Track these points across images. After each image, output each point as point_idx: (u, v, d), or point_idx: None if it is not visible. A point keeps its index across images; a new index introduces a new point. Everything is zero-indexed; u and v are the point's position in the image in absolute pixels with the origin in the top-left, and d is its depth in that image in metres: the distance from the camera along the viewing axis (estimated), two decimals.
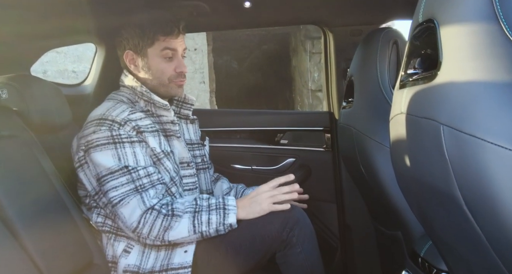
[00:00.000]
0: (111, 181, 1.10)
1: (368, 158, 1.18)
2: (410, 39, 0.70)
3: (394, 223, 1.21)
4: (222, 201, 1.14)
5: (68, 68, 3.21)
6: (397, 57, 1.28)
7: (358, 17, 1.55)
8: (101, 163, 1.11)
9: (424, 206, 0.68)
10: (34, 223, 0.93)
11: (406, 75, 0.71)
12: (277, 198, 1.15)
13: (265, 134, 1.81)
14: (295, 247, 1.15)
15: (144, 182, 1.10)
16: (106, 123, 1.13)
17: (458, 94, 0.51)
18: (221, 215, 1.11)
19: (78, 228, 1.08)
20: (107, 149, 1.11)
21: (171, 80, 1.24)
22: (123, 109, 1.16)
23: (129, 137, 1.13)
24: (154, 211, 1.08)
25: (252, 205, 1.14)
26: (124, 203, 1.09)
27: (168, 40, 1.21)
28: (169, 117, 1.24)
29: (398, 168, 0.76)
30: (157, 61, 1.22)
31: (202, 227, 1.10)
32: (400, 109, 0.68)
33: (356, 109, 1.30)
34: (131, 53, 1.23)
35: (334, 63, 1.65)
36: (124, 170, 1.10)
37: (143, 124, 1.17)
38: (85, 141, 1.14)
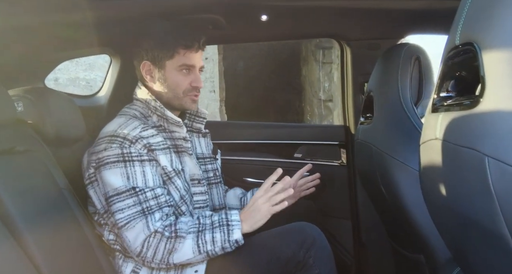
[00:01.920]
0: (117, 203, 1.08)
1: (389, 178, 1.14)
2: (444, 61, 0.66)
3: (416, 246, 1.17)
4: (225, 216, 1.10)
5: (80, 76, 3.22)
6: (419, 73, 1.25)
7: (376, 31, 1.52)
8: (109, 182, 1.09)
9: (460, 239, 0.64)
10: (49, 240, 0.91)
11: (439, 99, 0.68)
12: (273, 200, 1.11)
13: (279, 147, 1.78)
14: (312, 269, 1.11)
15: (151, 204, 1.08)
16: (118, 141, 1.10)
17: (504, 124, 0.48)
18: (225, 232, 1.07)
19: (91, 245, 1.06)
20: (116, 167, 1.09)
21: (186, 94, 1.22)
22: (135, 126, 1.14)
23: (140, 155, 1.10)
24: (157, 234, 1.06)
25: (252, 214, 1.11)
26: (130, 227, 1.06)
27: (187, 55, 1.20)
28: (181, 133, 1.22)
29: (430, 196, 0.73)
30: (174, 74, 1.21)
31: (207, 247, 1.06)
32: (434, 134, 0.65)
33: (375, 126, 1.26)
34: (149, 64, 1.22)
35: (351, 77, 1.62)
36: (131, 191, 1.07)
37: (155, 141, 1.14)
38: (96, 157, 1.12)
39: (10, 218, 0.85)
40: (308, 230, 1.15)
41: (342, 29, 1.55)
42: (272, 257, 1.10)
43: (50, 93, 1.22)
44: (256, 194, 1.14)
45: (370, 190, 1.44)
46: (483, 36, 0.54)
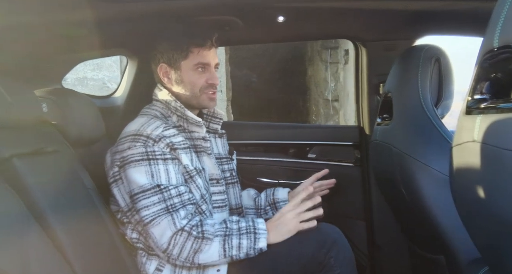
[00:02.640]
0: (143, 200, 1.09)
1: (410, 179, 1.14)
2: (480, 63, 0.66)
3: (436, 247, 1.17)
4: (252, 224, 1.11)
5: (87, 76, 3.22)
6: (439, 74, 1.25)
7: (392, 32, 1.53)
8: (134, 180, 1.10)
9: (497, 242, 0.64)
10: (78, 237, 0.93)
11: (474, 101, 0.68)
12: (302, 217, 1.12)
13: (293, 148, 1.78)
14: (332, 270, 1.11)
15: (175, 201, 1.09)
16: (141, 140, 1.11)
17: None
18: (252, 239, 1.09)
19: (116, 243, 1.08)
20: (141, 165, 1.10)
21: (203, 91, 1.23)
22: (157, 125, 1.15)
23: (163, 153, 1.11)
24: (184, 232, 1.07)
25: (279, 227, 1.12)
26: (155, 223, 1.07)
27: (201, 53, 1.20)
28: (200, 133, 1.23)
29: (463, 199, 0.73)
30: (190, 74, 1.21)
31: (232, 251, 1.08)
32: (471, 137, 0.65)
33: (395, 127, 1.26)
34: (165, 66, 1.23)
35: (366, 78, 1.62)
36: (156, 189, 1.08)
37: (176, 141, 1.15)
38: (120, 156, 1.13)
39: (43, 216, 0.86)
40: (329, 230, 1.15)
41: (358, 31, 1.55)
42: (293, 257, 1.10)
43: (72, 94, 1.23)
44: (285, 207, 1.16)
45: (387, 191, 1.44)
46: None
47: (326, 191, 1.50)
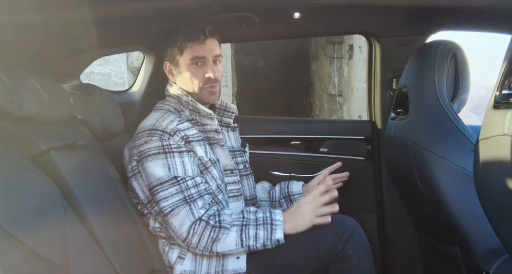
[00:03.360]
0: (161, 192, 1.12)
1: (427, 172, 1.17)
2: (509, 60, 0.69)
3: (451, 238, 1.20)
4: (269, 215, 1.14)
5: (94, 71, 3.23)
6: (456, 70, 1.27)
7: (407, 28, 1.54)
8: (152, 173, 1.13)
9: None
10: (109, 228, 0.96)
11: (502, 96, 0.70)
12: (319, 211, 1.15)
13: (305, 142, 1.80)
14: (350, 260, 1.14)
15: (192, 192, 1.12)
16: (157, 134, 1.14)
17: None
18: (269, 230, 1.11)
19: (141, 233, 1.10)
20: (158, 158, 1.13)
21: (202, 87, 1.24)
22: (171, 119, 1.18)
23: (178, 146, 1.14)
24: (202, 222, 1.10)
25: (295, 218, 1.15)
26: (174, 214, 1.11)
27: (195, 47, 1.21)
28: (213, 126, 1.25)
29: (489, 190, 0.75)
30: (188, 69, 1.24)
31: (249, 241, 1.11)
32: (502, 131, 0.67)
33: (412, 122, 1.29)
34: (168, 64, 1.27)
35: (379, 73, 1.64)
36: (174, 180, 1.12)
37: (191, 134, 1.18)
38: (138, 151, 1.16)
39: (78, 205, 0.90)
40: (347, 222, 1.18)
41: (372, 26, 1.57)
42: (311, 248, 1.13)
43: (95, 90, 1.25)
44: (303, 198, 1.18)
45: (401, 184, 1.47)
46: None
47: (340, 184, 1.53)
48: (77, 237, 0.84)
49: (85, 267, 0.82)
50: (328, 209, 1.15)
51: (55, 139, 0.96)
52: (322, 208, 1.15)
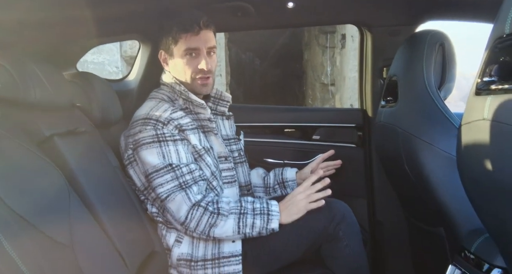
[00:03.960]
0: (157, 178, 1.16)
1: (415, 158, 1.22)
2: (491, 48, 0.73)
3: (436, 220, 1.26)
4: (266, 206, 1.19)
5: (88, 60, 3.23)
6: (443, 59, 1.32)
7: (397, 18, 1.58)
8: (147, 161, 1.16)
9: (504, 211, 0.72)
10: (112, 212, 1.00)
11: (484, 83, 0.74)
12: (312, 198, 1.20)
13: (298, 130, 1.85)
14: (341, 241, 1.20)
15: (187, 178, 1.16)
16: (151, 123, 1.18)
17: None
18: (265, 220, 1.16)
19: (141, 217, 1.14)
20: (152, 147, 1.16)
21: (195, 78, 1.26)
22: (165, 108, 1.21)
23: (172, 135, 1.18)
24: (200, 207, 1.14)
25: (289, 207, 1.19)
26: (171, 199, 1.14)
27: (189, 38, 1.22)
28: (206, 115, 1.28)
29: (470, 172, 0.80)
30: (182, 60, 1.25)
31: (246, 229, 1.15)
32: (482, 115, 0.72)
33: (401, 109, 1.33)
34: (163, 53, 1.28)
35: (370, 62, 1.68)
36: (168, 168, 1.15)
37: (184, 122, 1.21)
38: (133, 139, 1.19)
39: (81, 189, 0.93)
40: (338, 206, 1.23)
41: (364, 16, 1.60)
42: (304, 230, 1.19)
43: (94, 78, 1.27)
44: (296, 189, 1.23)
45: (391, 169, 1.52)
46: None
47: (332, 171, 1.58)
48: (81, 219, 0.88)
49: (89, 248, 0.86)
50: (321, 194, 1.20)
51: (58, 125, 0.99)
52: (315, 194, 1.20)
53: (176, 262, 1.19)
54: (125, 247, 0.97)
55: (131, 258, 0.98)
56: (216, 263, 1.17)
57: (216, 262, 1.17)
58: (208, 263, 1.17)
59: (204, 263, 1.17)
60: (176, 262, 1.18)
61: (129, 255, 0.97)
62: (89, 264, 0.82)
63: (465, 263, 1.06)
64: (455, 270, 1.09)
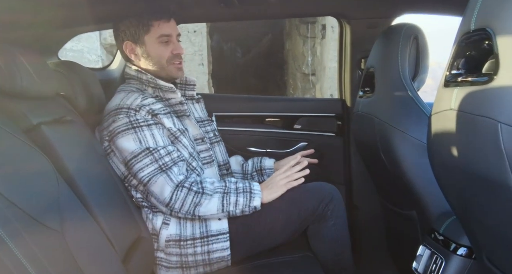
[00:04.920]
0: (136, 164, 1.18)
1: (390, 145, 1.28)
2: (458, 43, 0.78)
3: (409, 203, 1.34)
4: (248, 185, 1.23)
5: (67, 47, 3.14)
6: (417, 51, 1.38)
7: (375, 11, 1.63)
8: (125, 148, 1.19)
9: (467, 192, 0.79)
10: (100, 199, 1.03)
11: (452, 75, 0.80)
12: (291, 177, 1.25)
13: (280, 119, 1.90)
14: (328, 221, 1.26)
15: (166, 160, 1.19)
16: (123, 111, 1.20)
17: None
18: (248, 198, 1.21)
19: (127, 203, 1.17)
20: (127, 134, 1.19)
21: (170, 62, 1.31)
22: (135, 97, 1.24)
23: (146, 120, 1.21)
24: (184, 188, 1.17)
25: (270, 186, 1.25)
26: (153, 182, 1.18)
27: (161, 25, 1.27)
28: (177, 98, 1.32)
29: (439, 159, 0.86)
30: (155, 47, 1.29)
31: (229, 207, 1.20)
32: (449, 106, 0.78)
33: (377, 99, 1.39)
34: (130, 43, 1.30)
35: (349, 54, 1.73)
36: (146, 152, 1.18)
37: (156, 108, 1.24)
38: (107, 131, 1.22)
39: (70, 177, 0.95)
40: (327, 187, 1.29)
41: (343, 8, 1.65)
42: (294, 209, 1.24)
43: (77, 67, 1.28)
44: (276, 172, 1.29)
45: (367, 157, 1.59)
46: (498, 23, 0.64)
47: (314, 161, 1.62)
48: (71, 206, 0.90)
49: (79, 234, 0.89)
50: (301, 173, 1.26)
51: (44, 114, 1.00)
52: (295, 174, 1.26)
53: (164, 244, 1.21)
54: (113, 232, 1.00)
55: (120, 243, 1.01)
56: (205, 241, 1.21)
57: (205, 240, 1.21)
58: (197, 242, 1.21)
59: (193, 241, 1.21)
60: (165, 244, 1.21)
61: (118, 240, 1.00)
62: (80, 249, 0.85)
63: (435, 243, 1.14)
64: (426, 250, 1.17)
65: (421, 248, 1.20)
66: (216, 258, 1.22)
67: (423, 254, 1.16)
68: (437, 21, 1.64)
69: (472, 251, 1.00)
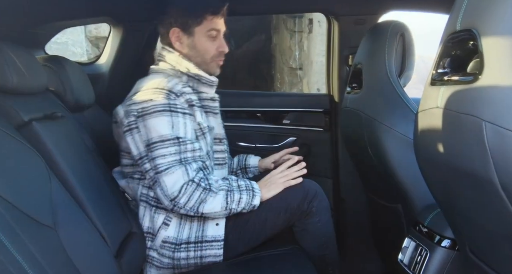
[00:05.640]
0: (161, 149, 1.14)
1: (377, 140, 1.31)
2: (444, 42, 0.81)
3: (395, 197, 1.38)
4: (249, 183, 1.24)
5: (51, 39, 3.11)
6: (403, 48, 1.41)
7: (362, 7, 1.66)
8: (155, 129, 1.14)
9: (451, 187, 0.82)
10: (91, 194, 1.03)
11: (438, 74, 0.83)
12: (289, 176, 1.27)
13: (269, 114, 1.91)
14: (314, 217, 1.29)
15: (188, 155, 1.16)
16: (164, 92, 1.17)
17: (500, 97, 0.62)
18: (250, 195, 1.21)
19: (119, 199, 1.17)
20: (163, 115, 1.15)
21: (213, 59, 1.30)
22: (176, 82, 1.22)
23: (183, 108, 1.19)
24: (193, 183, 1.15)
25: (268, 184, 1.26)
26: (169, 172, 1.13)
27: (214, 20, 1.27)
28: (209, 94, 1.31)
29: (425, 154, 0.89)
30: (203, 40, 1.28)
31: (232, 205, 1.19)
32: (435, 104, 0.80)
33: (364, 96, 1.42)
34: (178, 30, 1.27)
35: (337, 50, 1.76)
36: (175, 140, 1.15)
37: (193, 98, 1.23)
38: (140, 107, 1.16)
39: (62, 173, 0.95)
40: (311, 185, 1.31)
41: (331, 5, 1.67)
42: (281, 208, 1.26)
43: (66, 62, 1.27)
44: (273, 171, 1.29)
45: (355, 152, 1.63)
46: (482, 24, 0.66)
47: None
48: (63, 201, 0.90)
49: (72, 229, 0.89)
50: (299, 172, 1.27)
51: (35, 110, 0.99)
52: (293, 173, 1.27)
53: (160, 244, 1.20)
54: (105, 228, 1.00)
55: (112, 238, 1.02)
56: (199, 247, 1.21)
57: (199, 245, 1.21)
58: (191, 246, 1.21)
59: (187, 245, 1.21)
60: (161, 244, 1.21)
61: (110, 234, 1.01)
62: (73, 244, 0.86)
63: (419, 235, 1.18)
64: (411, 242, 1.21)
65: (406, 240, 1.24)
66: (208, 262, 1.22)
67: (409, 246, 1.20)
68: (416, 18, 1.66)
69: (456, 243, 1.04)
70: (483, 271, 0.81)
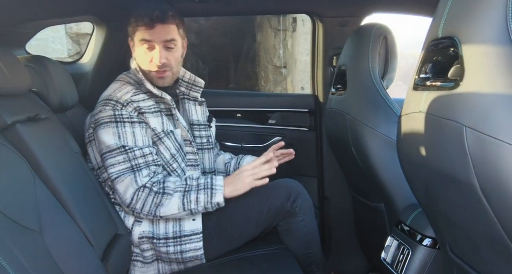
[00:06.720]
0: (109, 159, 1.18)
1: (360, 141, 1.34)
2: (426, 49, 0.83)
3: (378, 196, 1.41)
4: (210, 181, 1.22)
5: None
6: (386, 51, 1.44)
7: (346, 9, 1.68)
8: (103, 140, 1.19)
9: (433, 188, 0.84)
10: (76, 197, 1.02)
11: (420, 79, 0.85)
12: (258, 175, 1.22)
13: (255, 114, 1.92)
14: (297, 216, 1.30)
15: (139, 161, 1.18)
16: (111, 104, 1.20)
17: (480, 103, 0.64)
18: (209, 194, 1.20)
19: (104, 201, 1.16)
20: (109, 127, 1.18)
21: (150, 70, 1.26)
22: (127, 90, 1.23)
23: (130, 117, 1.20)
24: (146, 188, 1.17)
25: (235, 182, 1.22)
26: (119, 180, 1.17)
27: (144, 31, 1.21)
28: (168, 99, 1.29)
29: (408, 156, 0.92)
30: (139, 51, 1.25)
31: (191, 205, 1.19)
32: (418, 108, 0.83)
33: (349, 97, 1.45)
34: (130, 39, 1.28)
35: (322, 51, 1.77)
36: (121, 149, 1.18)
37: (146, 105, 1.23)
38: (94, 119, 1.22)
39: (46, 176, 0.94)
40: (294, 185, 1.33)
41: (315, 6, 1.68)
42: (264, 208, 1.27)
43: (49, 62, 1.24)
44: (244, 166, 1.26)
45: (339, 152, 1.65)
46: (463, 32, 0.69)
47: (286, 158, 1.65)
48: (48, 205, 0.89)
49: (57, 232, 0.88)
50: (267, 172, 1.23)
51: (18, 112, 0.97)
52: (261, 172, 1.23)
53: (137, 241, 1.22)
54: (91, 231, 1.00)
55: (98, 241, 1.01)
56: (178, 241, 1.22)
57: (178, 240, 1.22)
58: (170, 241, 1.22)
59: (166, 241, 1.22)
60: (138, 241, 1.22)
61: (95, 237, 1.00)
62: (59, 248, 0.85)
63: (402, 234, 1.21)
64: (393, 240, 1.24)
65: (389, 239, 1.27)
66: (189, 257, 1.23)
67: (391, 244, 1.23)
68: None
69: (436, 241, 1.07)
70: (463, 269, 0.84)
